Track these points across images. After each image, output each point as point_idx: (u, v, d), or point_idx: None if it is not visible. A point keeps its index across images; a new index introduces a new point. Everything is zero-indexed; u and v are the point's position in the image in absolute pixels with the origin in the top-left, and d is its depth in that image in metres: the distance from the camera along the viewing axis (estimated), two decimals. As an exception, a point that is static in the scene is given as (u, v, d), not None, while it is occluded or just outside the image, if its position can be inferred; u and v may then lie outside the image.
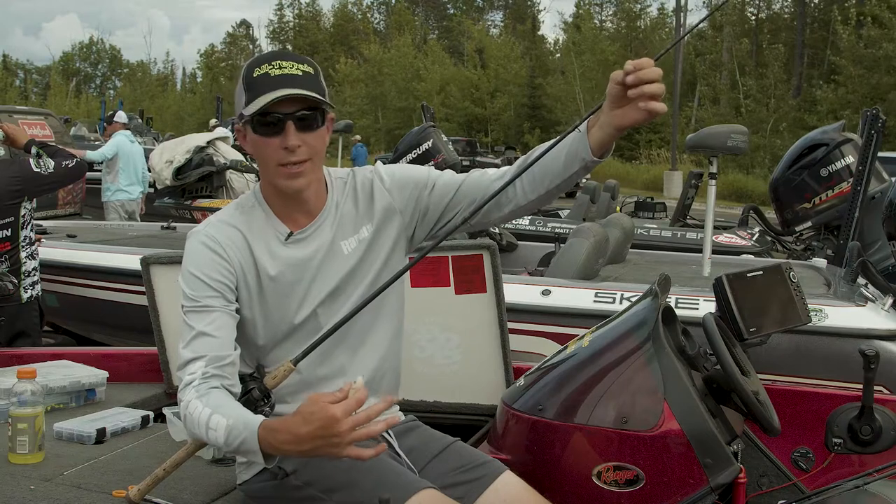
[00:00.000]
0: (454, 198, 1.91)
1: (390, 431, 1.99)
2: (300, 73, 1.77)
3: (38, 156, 4.48)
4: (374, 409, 1.57)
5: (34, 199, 4.57)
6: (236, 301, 1.84)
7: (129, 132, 9.38)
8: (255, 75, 1.77)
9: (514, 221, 9.07)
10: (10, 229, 4.49)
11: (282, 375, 1.74)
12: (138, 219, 8.91)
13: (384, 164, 2.03)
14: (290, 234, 1.87)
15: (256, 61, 1.80)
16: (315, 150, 1.80)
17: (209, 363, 1.74)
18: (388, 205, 1.94)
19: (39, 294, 4.72)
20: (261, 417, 1.67)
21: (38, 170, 4.47)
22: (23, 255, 4.58)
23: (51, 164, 4.45)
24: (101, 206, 9.13)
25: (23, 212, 4.50)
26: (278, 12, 67.72)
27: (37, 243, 4.70)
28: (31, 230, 4.63)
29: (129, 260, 4.86)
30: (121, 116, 9.73)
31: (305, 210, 1.89)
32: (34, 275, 4.68)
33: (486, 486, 1.92)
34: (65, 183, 4.76)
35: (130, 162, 9.01)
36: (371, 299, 1.72)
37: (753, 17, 37.90)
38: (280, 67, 1.76)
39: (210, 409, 1.67)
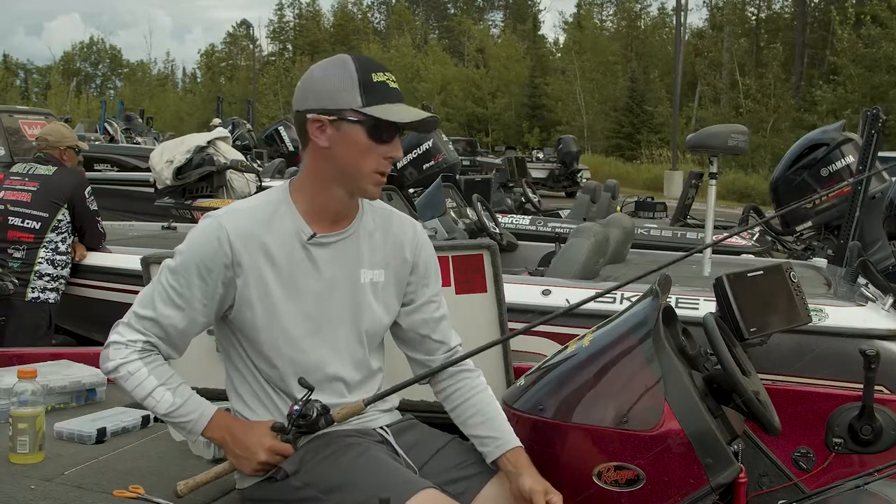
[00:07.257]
0: (408, 329, 2.04)
1: (388, 430, 1.99)
2: (399, 90, 1.86)
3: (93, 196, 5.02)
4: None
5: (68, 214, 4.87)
6: (225, 304, 1.85)
7: None
8: (374, 80, 1.81)
9: (513, 222, 9.09)
10: (39, 223, 4.73)
11: (350, 412, 1.87)
12: None
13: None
14: (314, 236, 1.88)
15: (372, 66, 1.83)
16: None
17: (150, 344, 1.84)
18: (403, 267, 2.00)
19: (49, 301, 4.82)
20: (214, 406, 1.87)
21: (89, 200, 4.92)
22: (42, 254, 4.77)
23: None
24: None
25: (59, 216, 4.72)
26: (278, 12, 67.72)
27: (67, 256, 4.86)
28: (64, 243, 4.86)
29: (129, 260, 4.85)
30: None
31: (337, 219, 1.91)
32: (49, 281, 4.82)
33: (486, 481, 1.93)
34: (87, 231, 5.09)
35: None
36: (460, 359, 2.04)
37: (753, 17, 37.90)
38: (392, 81, 1.84)
39: (156, 380, 1.82)
